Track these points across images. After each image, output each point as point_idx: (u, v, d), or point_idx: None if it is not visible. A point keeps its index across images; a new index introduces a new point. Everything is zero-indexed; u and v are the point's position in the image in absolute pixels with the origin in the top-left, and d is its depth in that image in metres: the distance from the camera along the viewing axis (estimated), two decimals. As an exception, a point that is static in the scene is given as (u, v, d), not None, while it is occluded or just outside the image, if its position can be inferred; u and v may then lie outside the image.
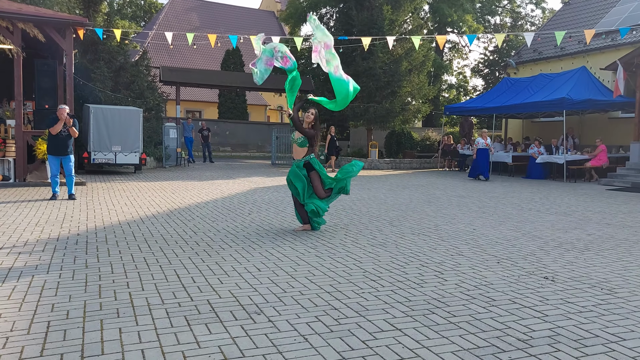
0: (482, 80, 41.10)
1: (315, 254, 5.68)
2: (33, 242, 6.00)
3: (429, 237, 6.83)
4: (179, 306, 3.90)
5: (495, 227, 7.63)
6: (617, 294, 4.49)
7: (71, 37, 12.06)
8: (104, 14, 18.57)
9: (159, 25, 38.61)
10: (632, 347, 3.35)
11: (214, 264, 5.18)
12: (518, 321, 3.77)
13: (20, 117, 11.74)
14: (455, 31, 33.87)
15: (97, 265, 5.01)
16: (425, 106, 23.11)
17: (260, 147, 29.00)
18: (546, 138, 18.69)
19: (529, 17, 41.38)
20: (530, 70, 21.40)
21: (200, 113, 37.10)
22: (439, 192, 12.17)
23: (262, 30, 40.39)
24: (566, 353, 3.23)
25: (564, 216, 8.88)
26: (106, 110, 14.76)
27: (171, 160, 18.57)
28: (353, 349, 3.21)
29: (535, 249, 6.24)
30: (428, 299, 4.22)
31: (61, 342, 3.20)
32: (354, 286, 4.53)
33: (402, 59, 21.16)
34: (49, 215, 7.84)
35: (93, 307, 3.84)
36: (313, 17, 6.95)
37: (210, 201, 9.80)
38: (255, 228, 7.16)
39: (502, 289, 4.54)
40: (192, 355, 3.06)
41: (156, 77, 20.32)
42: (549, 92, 16.83)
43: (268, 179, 14.55)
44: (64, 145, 9.51)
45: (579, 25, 20.27)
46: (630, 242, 6.81)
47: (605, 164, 16.04)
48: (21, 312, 3.72)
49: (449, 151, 20.96)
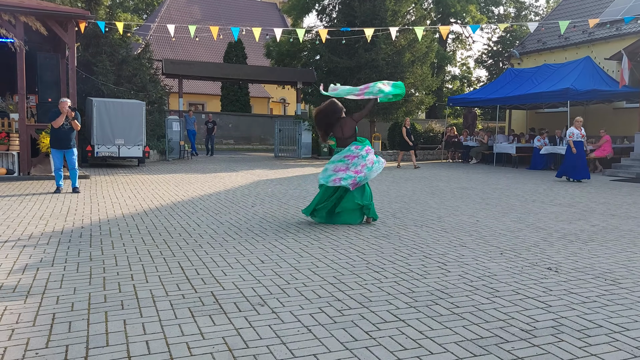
0: (485, 71, 40.88)
1: (318, 246, 5.69)
2: (38, 235, 6.03)
3: (432, 228, 6.82)
4: (183, 298, 3.92)
5: (498, 219, 7.62)
6: (621, 285, 4.48)
7: (73, 30, 12.04)
8: (106, 7, 18.53)
9: (161, 17, 38.54)
10: (636, 337, 3.35)
11: (217, 256, 5.19)
12: (521, 312, 3.77)
13: (23, 110, 11.75)
14: (458, 22, 33.67)
15: (101, 258, 5.03)
16: (428, 97, 23.03)
17: (263, 140, 28.99)
18: (550, 129, 18.60)
19: (533, 7, 41.18)
20: (534, 60, 21.28)
21: (203, 106, 37.10)
22: (442, 184, 12.15)
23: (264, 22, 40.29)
24: (570, 343, 3.23)
25: (567, 207, 8.86)
26: (109, 103, 14.77)
27: (174, 153, 18.59)
28: (357, 340, 3.22)
29: (538, 240, 6.23)
30: (431, 290, 4.22)
31: (66, 334, 3.22)
32: (357, 277, 4.53)
33: (405, 50, 21.07)
34: (53, 208, 7.87)
35: (97, 299, 3.86)
36: (332, 89, 7.04)
37: (213, 194, 9.81)
38: (259, 220, 7.17)
39: (505, 280, 4.54)
40: (196, 347, 3.08)
41: (159, 70, 20.32)
42: (553, 83, 16.74)
43: (271, 172, 14.55)
44: (66, 139, 9.52)
45: (584, 14, 20.11)
46: (634, 233, 6.79)
47: (609, 155, 15.97)
48: (26, 304, 3.74)
49: (453, 143, 20.90)
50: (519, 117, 22.14)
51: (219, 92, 32.43)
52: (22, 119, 11.71)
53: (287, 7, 27.54)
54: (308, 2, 24.65)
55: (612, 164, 15.59)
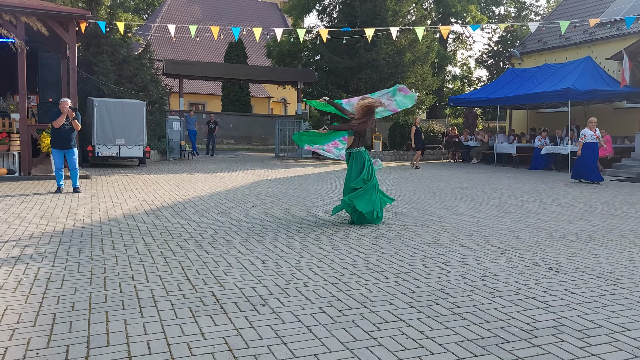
0: (486, 71, 40.85)
1: (319, 246, 5.69)
2: (38, 235, 6.03)
3: (432, 228, 6.82)
4: (183, 298, 3.93)
5: (499, 219, 7.62)
6: (622, 285, 4.48)
7: (74, 30, 12.05)
8: (106, 7, 18.54)
9: (162, 17, 38.55)
10: (636, 337, 3.35)
11: (218, 256, 5.19)
12: (522, 312, 3.77)
13: (24, 110, 11.76)
14: (459, 22, 33.65)
15: (102, 258, 5.03)
16: (429, 97, 23.02)
17: (263, 140, 28.99)
18: (551, 129, 18.60)
19: (534, 6, 41.12)
20: (534, 60, 21.27)
21: (203, 106, 37.10)
22: (442, 184, 12.15)
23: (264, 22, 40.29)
24: (570, 343, 3.23)
25: (568, 207, 8.86)
26: (110, 103, 14.77)
27: (175, 153, 18.59)
28: (357, 340, 3.23)
29: (539, 240, 6.23)
30: (432, 290, 4.22)
31: (67, 334, 3.23)
32: (357, 277, 4.54)
33: (405, 50, 21.06)
34: (54, 208, 7.88)
35: (98, 299, 3.86)
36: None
37: (214, 193, 9.81)
38: (259, 220, 7.17)
39: (506, 280, 4.54)
40: (197, 347, 3.08)
41: (159, 70, 20.31)
42: (553, 83, 16.72)
43: (272, 172, 14.55)
44: (67, 139, 9.53)
45: (584, 14, 20.10)
46: (635, 233, 6.79)
47: (610, 155, 15.96)
48: (27, 304, 3.75)
49: (453, 142, 20.89)
50: (519, 117, 22.14)
51: (219, 92, 32.43)
52: (22, 119, 11.72)
53: (288, 7, 27.53)
54: (309, 2, 24.63)
55: (612, 164, 15.58)
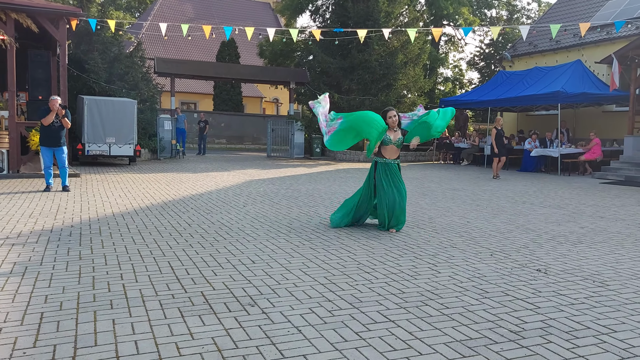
0: (477, 74, 41.00)
1: (309, 246, 5.69)
2: (27, 233, 5.98)
3: (422, 229, 6.85)
4: (172, 298, 3.91)
5: (488, 220, 7.66)
6: (609, 287, 4.52)
7: (64, 27, 11.96)
8: (98, 4, 18.45)
9: (154, 16, 38.36)
10: (623, 339, 3.38)
11: (207, 255, 5.18)
12: (510, 313, 3.79)
13: (13, 108, 11.66)
14: (451, 24, 33.78)
15: (90, 257, 5.00)
16: (420, 99, 23.10)
17: (255, 139, 28.92)
18: (541, 131, 18.74)
19: (525, 10, 41.36)
20: (525, 63, 21.40)
21: (195, 105, 36.97)
22: (433, 185, 12.20)
23: (257, 22, 40.21)
24: (557, 345, 3.26)
25: (557, 209, 8.92)
26: (100, 101, 14.68)
27: (166, 152, 18.51)
28: (346, 340, 3.23)
29: (528, 241, 6.27)
30: (421, 291, 4.24)
31: (54, 333, 3.20)
32: (347, 278, 4.54)
33: (397, 52, 21.12)
34: (42, 206, 7.81)
35: (86, 298, 3.84)
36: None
37: (204, 193, 9.78)
38: (250, 220, 7.16)
39: (495, 281, 4.57)
40: (185, 347, 3.07)
41: (151, 68, 20.21)
42: (544, 85, 16.85)
43: (263, 171, 14.53)
44: (56, 137, 9.46)
45: (575, 18, 20.26)
46: (622, 235, 6.85)
47: (599, 158, 16.10)
48: (15, 303, 3.71)
49: (444, 144, 20.98)
50: (510, 119, 22.27)
51: (211, 91, 32.33)
52: (12, 117, 11.62)
53: (281, 6, 27.52)
54: (302, 2, 24.64)
55: (601, 166, 15.72)
